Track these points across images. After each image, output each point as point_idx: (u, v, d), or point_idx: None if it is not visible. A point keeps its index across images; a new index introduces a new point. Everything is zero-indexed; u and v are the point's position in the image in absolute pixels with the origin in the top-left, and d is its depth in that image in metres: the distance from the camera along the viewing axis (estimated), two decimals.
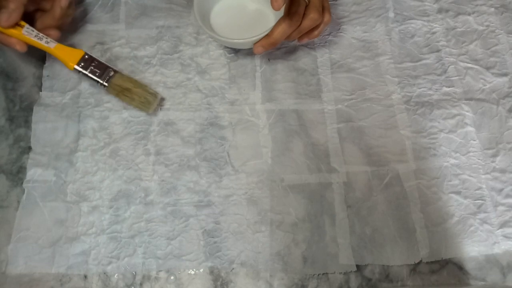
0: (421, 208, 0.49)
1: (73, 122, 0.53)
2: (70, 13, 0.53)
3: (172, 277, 0.46)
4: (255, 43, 0.49)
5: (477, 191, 0.50)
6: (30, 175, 0.50)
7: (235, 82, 0.55)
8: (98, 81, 0.51)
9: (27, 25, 0.50)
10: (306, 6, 0.48)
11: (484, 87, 0.55)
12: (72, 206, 0.49)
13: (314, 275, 0.46)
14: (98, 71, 0.51)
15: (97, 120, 0.53)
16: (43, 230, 0.48)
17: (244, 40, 0.49)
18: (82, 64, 0.51)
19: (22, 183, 0.50)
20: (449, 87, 0.55)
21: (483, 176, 0.50)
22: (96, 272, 0.46)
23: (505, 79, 0.55)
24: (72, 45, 0.53)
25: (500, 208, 0.49)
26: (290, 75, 0.56)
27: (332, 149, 0.52)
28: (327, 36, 0.58)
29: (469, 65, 0.56)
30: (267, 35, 0.48)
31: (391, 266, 0.47)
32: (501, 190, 0.50)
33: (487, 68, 0.56)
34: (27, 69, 0.56)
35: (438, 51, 0.57)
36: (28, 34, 0.49)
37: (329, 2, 0.60)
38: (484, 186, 0.50)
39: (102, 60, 0.52)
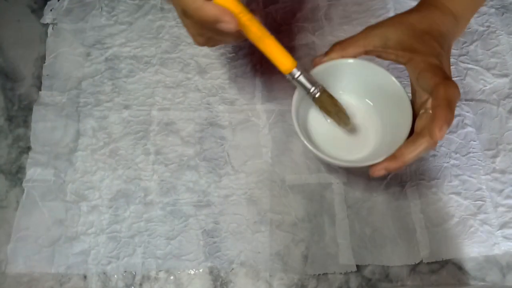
0: (421, 209, 0.49)
1: (72, 122, 0.53)
2: None
3: (171, 277, 0.46)
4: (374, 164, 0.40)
5: (477, 192, 0.50)
6: (30, 175, 0.50)
7: (235, 82, 0.55)
8: (309, 91, 0.42)
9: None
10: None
11: (484, 88, 0.55)
12: (71, 205, 0.49)
13: (314, 275, 0.46)
14: (311, 78, 0.42)
15: (97, 120, 0.53)
16: (42, 230, 0.48)
17: (360, 165, 0.42)
18: (299, 67, 0.42)
19: (21, 183, 0.50)
20: None
21: (483, 177, 0.50)
22: (95, 272, 0.46)
23: (506, 80, 0.55)
24: None
25: (500, 209, 0.49)
26: None
27: None
28: (327, 37, 0.58)
29: (470, 65, 0.56)
30: (394, 156, 0.39)
31: (391, 266, 0.47)
32: (501, 191, 0.50)
33: (488, 69, 0.56)
34: (26, 69, 0.56)
35: None
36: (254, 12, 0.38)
37: (330, 2, 0.60)
38: (484, 187, 0.50)
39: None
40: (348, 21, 0.59)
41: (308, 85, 0.42)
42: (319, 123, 0.46)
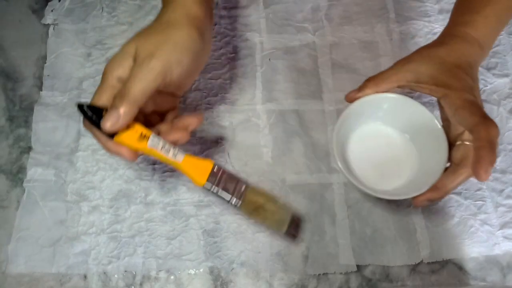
0: (422, 209, 0.49)
1: (73, 122, 0.53)
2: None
3: (172, 277, 0.46)
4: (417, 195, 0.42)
5: (477, 192, 0.50)
6: (31, 175, 0.50)
7: (236, 82, 0.55)
8: (229, 201, 0.41)
9: (153, 135, 0.39)
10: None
11: (485, 88, 0.55)
12: (72, 205, 0.49)
13: (314, 275, 0.46)
14: (230, 186, 0.42)
15: None
16: (43, 230, 0.48)
17: (403, 197, 0.43)
18: (213, 179, 0.41)
19: (22, 183, 0.50)
20: None
21: None
22: (96, 272, 0.46)
23: (506, 80, 0.55)
24: None
25: (501, 209, 0.49)
26: (290, 75, 0.56)
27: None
28: (327, 37, 0.58)
29: None
30: (436, 187, 0.41)
31: (391, 266, 0.47)
32: (501, 191, 0.50)
33: (488, 69, 0.56)
34: (27, 69, 0.56)
35: None
36: (153, 146, 0.38)
37: (330, 2, 0.60)
38: (484, 187, 0.50)
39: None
40: (349, 21, 0.59)
41: (226, 196, 0.41)
42: (358, 149, 0.48)
